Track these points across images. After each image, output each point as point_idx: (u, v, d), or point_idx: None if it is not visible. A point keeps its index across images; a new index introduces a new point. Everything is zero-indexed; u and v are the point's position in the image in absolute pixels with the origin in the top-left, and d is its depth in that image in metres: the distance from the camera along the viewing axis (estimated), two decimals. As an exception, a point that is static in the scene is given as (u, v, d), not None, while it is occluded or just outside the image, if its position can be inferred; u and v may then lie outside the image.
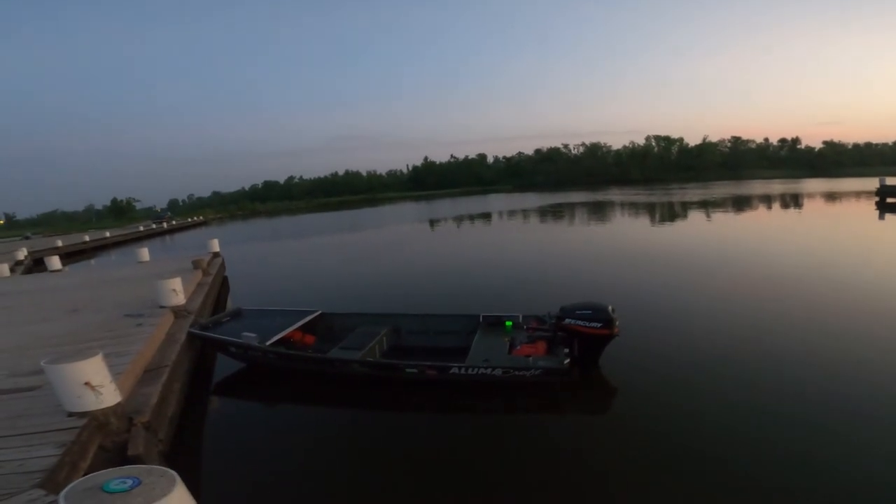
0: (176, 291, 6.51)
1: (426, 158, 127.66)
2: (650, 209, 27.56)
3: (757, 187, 48.06)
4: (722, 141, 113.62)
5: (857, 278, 8.39)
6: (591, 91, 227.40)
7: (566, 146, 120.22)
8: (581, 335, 4.89)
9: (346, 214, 45.95)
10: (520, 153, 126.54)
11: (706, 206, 28.15)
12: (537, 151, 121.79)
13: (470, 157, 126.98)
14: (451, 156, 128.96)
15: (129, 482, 1.54)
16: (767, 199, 30.96)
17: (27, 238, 39.50)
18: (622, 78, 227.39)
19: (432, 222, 28.94)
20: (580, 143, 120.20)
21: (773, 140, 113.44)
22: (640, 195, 42.97)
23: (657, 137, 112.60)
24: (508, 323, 5.84)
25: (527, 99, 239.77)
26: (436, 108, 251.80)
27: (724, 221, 19.87)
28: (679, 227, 19.04)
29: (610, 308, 4.82)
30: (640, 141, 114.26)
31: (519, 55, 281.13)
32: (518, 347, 5.13)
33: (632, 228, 19.14)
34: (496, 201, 49.41)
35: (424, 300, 8.72)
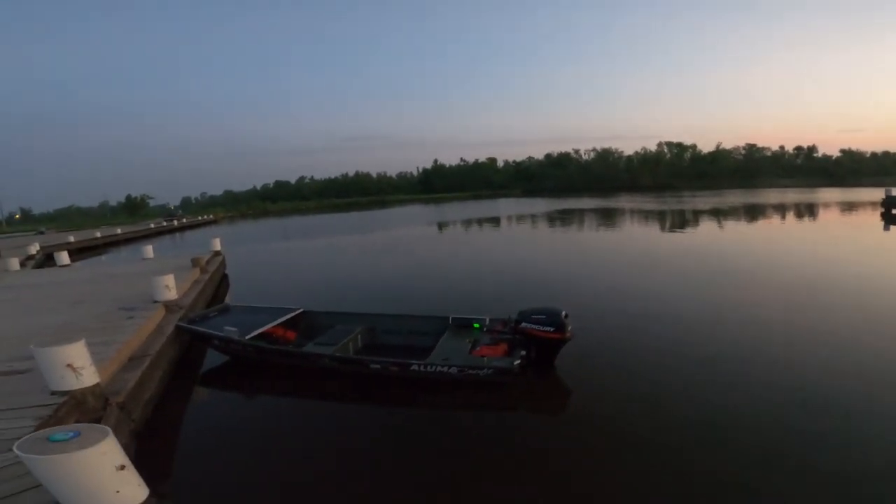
0: (168, 287, 6.91)
1: (436, 161, 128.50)
2: (654, 217, 27.56)
3: (769, 196, 47.52)
4: (736, 148, 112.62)
5: (830, 283, 8.54)
6: (603, 96, 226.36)
7: (577, 151, 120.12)
8: (535, 338, 5.16)
9: (355, 216, 46.54)
10: (530, 158, 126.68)
11: (710, 214, 28.05)
12: (547, 156, 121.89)
13: (480, 161, 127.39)
14: (461, 159, 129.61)
15: (71, 434, 1.88)
16: (775, 209, 30.72)
17: (41, 233, 40.64)
18: (635, 83, 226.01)
19: (437, 226, 29.26)
20: (591, 148, 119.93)
21: (789, 148, 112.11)
22: (648, 202, 42.88)
23: (669, 144, 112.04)
24: (476, 325, 6.13)
25: (538, 103, 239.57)
26: (447, 110, 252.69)
27: (725, 231, 19.87)
28: (675, 235, 19.09)
29: (563, 313, 5.08)
30: (653, 147, 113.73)
31: (531, 59, 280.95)
32: (478, 348, 5.39)
33: (626, 236, 19.25)
34: (504, 206, 49.59)
35: (411, 301, 8.97)
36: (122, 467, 2.10)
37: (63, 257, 13.63)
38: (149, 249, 13.51)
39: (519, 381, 4.96)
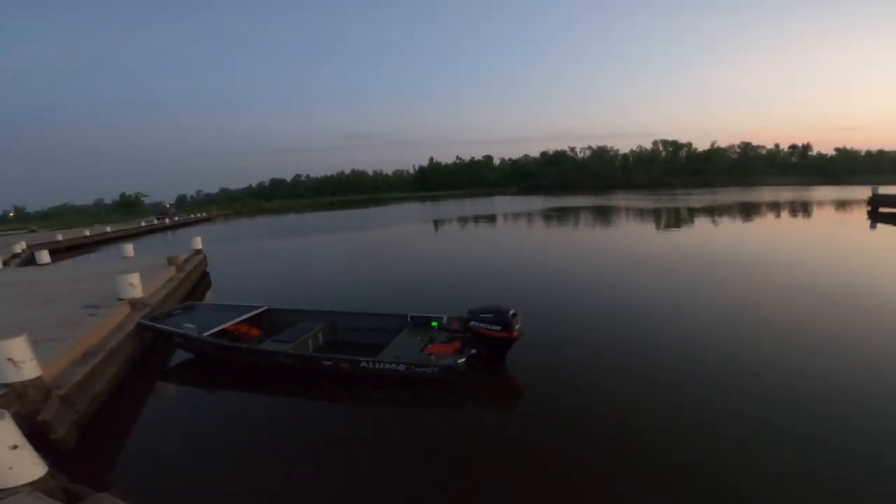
0: (133, 285, 7.04)
1: (432, 159, 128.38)
2: (643, 216, 27.71)
3: (763, 194, 47.73)
4: (731, 146, 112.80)
5: (798, 278, 8.70)
6: (600, 95, 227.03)
7: (573, 149, 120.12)
8: (483, 337, 5.23)
9: (348, 214, 46.57)
10: (526, 155, 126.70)
11: (699, 213, 28.24)
12: (543, 154, 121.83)
13: (476, 159, 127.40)
14: (457, 157, 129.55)
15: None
16: (766, 207, 30.90)
17: (32, 231, 40.68)
18: (632, 82, 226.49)
19: (427, 224, 29.36)
20: (587, 146, 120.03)
21: (784, 146, 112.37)
22: (642, 200, 43.03)
23: (664, 142, 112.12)
24: (434, 323, 6.22)
25: (535, 101, 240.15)
26: (445, 108, 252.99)
27: (710, 229, 20.03)
28: (658, 234, 19.23)
29: (511, 312, 5.14)
30: (648, 145, 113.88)
31: (529, 58, 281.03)
32: (430, 346, 5.50)
33: (611, 236, 19.39)
34: (498, 204, 49.71)
35: (389, 299, 9.04)
36: (16, 447, 2.25)
37: (44, 256, 13.71)
38: (129, 248, 13.62)
39: (466, 380, 5.03)
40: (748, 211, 28.32)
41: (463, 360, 4.94)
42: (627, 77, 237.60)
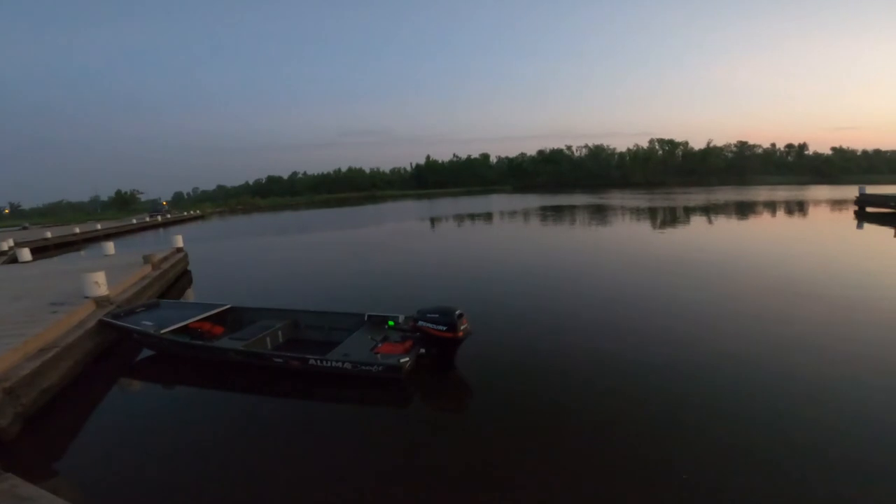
0: (98, 284, 7.15)
1: (429, 157, 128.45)
2: (633, 215, 27.85)
3: (758, 193, 48.04)
4: (727, 145, 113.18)
5: (759, 271, 8.85)
6: (597, 93, 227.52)
7: (569, 148, 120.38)
8: (430, 337, 5.31)
9: (345, 212, 46.68)
10: (522, 154, 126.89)
11: (692, 212, 28.41)
12: (540, 152, 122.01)
13: (473, 157, 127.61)
14: (454, 154, 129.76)
15: None
16: (759, 206, 31.24)
17: (24, 228, 40.68)
18: (628, 81, 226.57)
19: (422, 222, 29.47)
20: (583, 144, 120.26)
21: (780, 145, 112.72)
22: (636, 199, 43.23)
23: (661, 141, 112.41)
24: (391, 322, 6.32)
25: (532, 100, 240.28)
26: (442, 106, 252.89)
27: (703, 228, 20.18)
28: (646, 233, 19.37)
29: (457, 312, 5.19)
30: (644, 144, 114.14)
31: (526, 57, 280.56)
32: (381, 345, 5.59)
33: (595, 236, 19.54)
34: (494, 202, 49.93)
35: (367, 298, 9.06)
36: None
37: (24, 254, 13.80)
38: (110, 246, 13.74)
39: (415, 379, 5.13)
40: (740, 210, 28.51)
41: (406, 359, 5.02)
42: (624, 76, 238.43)
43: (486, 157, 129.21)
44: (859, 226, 18.84)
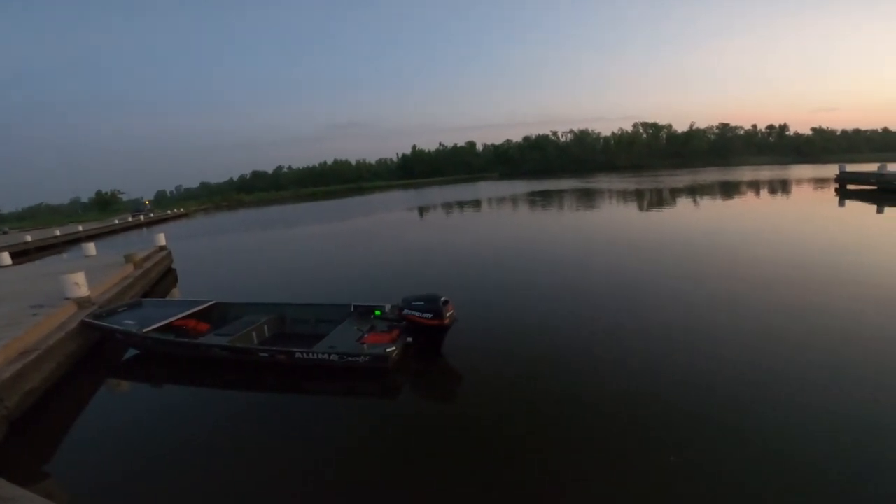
0: (78, 284, 7.06)
1: (415, 147, 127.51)
2: (617, 197, 28.05)
3: (742, 174, 48.62)
4: (710, 127, 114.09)
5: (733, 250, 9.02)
6: (582, 80, 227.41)
7: (555, 133, 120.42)
8: (416, 325, 5.32)
9: (331, 204, 46.34)
10: (508, 141, 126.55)
11: (676, 193, 28.66)
12: (526, 139, 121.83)
13: (459, 145, 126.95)
14: (441, 143, 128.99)
15: None
16: (744, 185, 31.71)
17: (4, 233, 39.72)
18: (613, 66, 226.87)
19: (410, 212, 29.35)
20: (568, 130, 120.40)
21: (762, 127, 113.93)
22: (622, 182, 43.68)
23: (645, 124, 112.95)
24: (377, 312, 6.31)
25: (519, 87, 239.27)
26: (427, 96, 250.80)
27: (688, 208, 20.37)
28: (622, 216, 19.55)
29: (442, 299, 5.22)
30: (629, 128, 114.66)
31: (512, 44, 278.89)
32: (367, 335, 5.59)
33: (575, 219, 19.67)
34: (481, 189, 50.00)
35: (357, 289, 9.04)
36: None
37: (4, 258, 13.53)
38: (91, 247, 13.53)
39: (402, 368, 5.15)
40: (725, 190, 28.93)
41: (392, 348, 5.04)
42: (608, 62, 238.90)
43: (472, 145, 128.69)
44: (840, 203, 19.11)
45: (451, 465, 3.52)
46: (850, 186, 24.92)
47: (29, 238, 25.34)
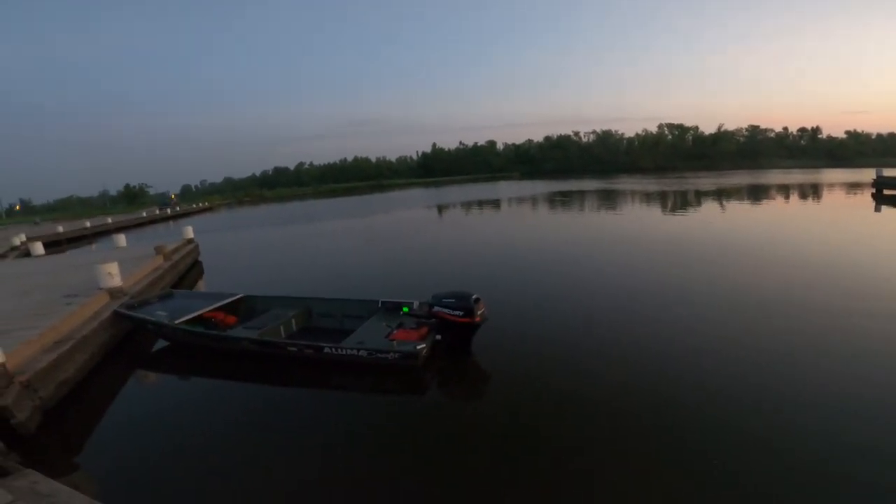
0: (111, 275, 7.11)
1: (435, 145, 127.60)
2: (641, 199, 27.45)
3: (772, 177, 47.26)
4: (739, 130, 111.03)
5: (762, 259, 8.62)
6: (605, 79, 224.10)
7: (577, 133, 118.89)
8: (446, 322, 5.21)
9: (351, 201, 46.60)
10: (529, 140, 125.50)
11: (701, 196, 27.94)
12: (547, 139, 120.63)
13: (479, 144, 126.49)
14: (460, 142, 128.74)
15: None
16: (774, 190, 30.66)
17: (36, 224, 41.01)
18: (636, 65, 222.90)
19: (430, 210, 29.24)
20: (591, 130, 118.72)
21: (793, 129, 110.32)
22: (644, 184, 42.72)
23: (670, 125, 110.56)
24: (405, 308, 6.22)
25: (539, 86, 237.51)
26: (447, 94, 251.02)
27: (715, 212, 19.82)
28: (645, 220, 19.08)
29: (473, 297, 5.11)
30: (654, 129, 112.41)
31: (533, 43, 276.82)
32: (396, 332, 5.50)
33: (601, 221, 19.27)
34: (501, 189, 49.62)
35: (379, 285, 8.96)
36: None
37: (37, 248, 13.86)
38: (122, 238, 13.78)
39: (431, 365, 5.04)
40: (755, 194, 27.96)
41: (422, 346, 4.94)
42: (632, 61, 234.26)
43: (492, 144, 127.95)
44: (877, 209, 18.34)
45: (478, 464, 3.43)
46: (888, 192, 23.91)
47: (61, 229, 26.07)
